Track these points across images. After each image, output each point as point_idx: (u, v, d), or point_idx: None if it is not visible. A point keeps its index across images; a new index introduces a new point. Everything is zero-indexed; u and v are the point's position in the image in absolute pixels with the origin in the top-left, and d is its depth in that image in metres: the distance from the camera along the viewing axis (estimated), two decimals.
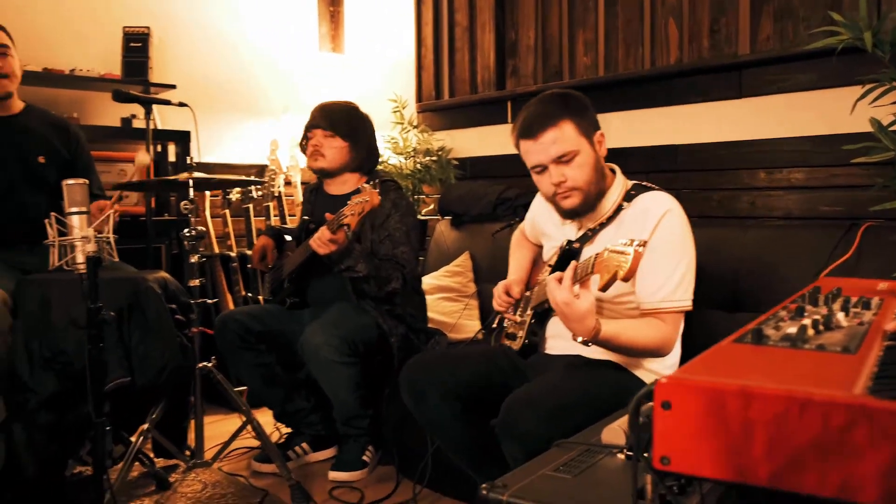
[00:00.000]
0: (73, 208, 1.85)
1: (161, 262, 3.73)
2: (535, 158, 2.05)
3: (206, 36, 4.20)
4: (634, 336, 1.89)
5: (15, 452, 2.22)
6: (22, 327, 2.34)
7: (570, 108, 2.02)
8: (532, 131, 2.03)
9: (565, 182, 2.02)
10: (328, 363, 2.61)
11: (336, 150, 2.89)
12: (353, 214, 2.43)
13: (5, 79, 2.79)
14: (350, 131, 2.89)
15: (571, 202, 2.05)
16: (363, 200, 2.42)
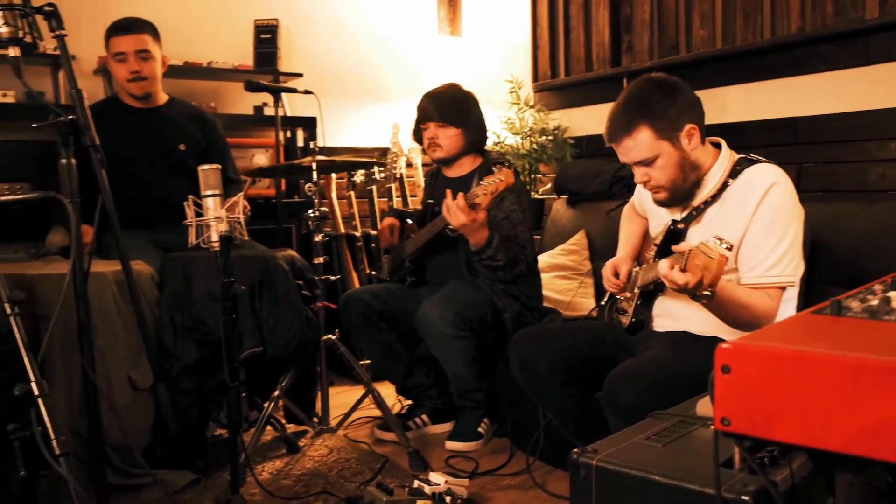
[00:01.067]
0: (207, 191, 2.02)
1: (291, 241, 3.94)
2: (621, 159, 2.10)
3: (330, 25, 4.38)
4: (746, 297, 1.88)
5: (161, 412, 2.45)
6: (166, 300, 2.58)
7: (648, 111, 1.99)
8: (612, 137, 2.07)
9: (649, 182, 2.06)
10: (443, 337, 2.73)
11: (451, 138, 2.98)
12: (486, 194, 2.51)
13: (144, 81, 3.05)
14: (460, 117, 2.98)
15: (660, 197, 2.09)
16: (497, 180, 2.49)
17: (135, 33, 3.00)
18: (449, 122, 2.97)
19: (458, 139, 2.99)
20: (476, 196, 2.59)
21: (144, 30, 3.03)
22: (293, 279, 2.73)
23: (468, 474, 2.58)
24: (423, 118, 3.04)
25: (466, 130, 2.99)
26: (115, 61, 3.02)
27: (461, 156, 3.04)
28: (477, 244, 2.72)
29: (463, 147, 3.01)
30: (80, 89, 1.75)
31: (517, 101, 4.20)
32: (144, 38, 3.01)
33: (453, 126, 2.97)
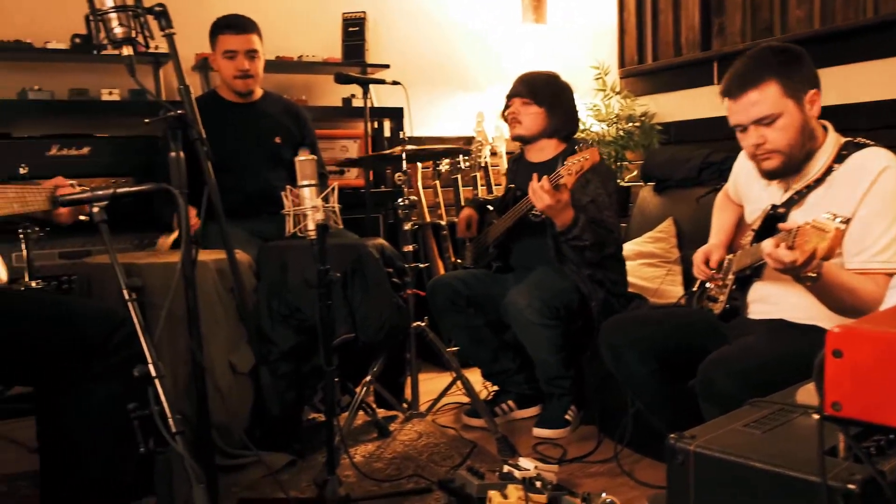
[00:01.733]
0: (303, 181, 2.07)
1: (379, 230, 4.01)
2: (736, 118, 2.03)
3: (415, 15, 4.43)
4: (852, 281, 1.83)
5: (262, 395, 2.54)
6: (264, 288, 2.67)
7: (779, 66, 1.96)
8: (733, 91, 2.00)
9: (764, 144, 1.99)
10: (530, 325, 2.74)
11: (532, 116, 2.99)
12: (570, 174, 2.52)
13: (251, 79, 3.16)
14: (546, 97, 2.98)
15: (771, 164, 2.01)
16: (582, 159, 2.49)
17: (246, 33, 3.10)
18: (532, 100, 2.99)
19: (539, 119, 3.00)
20: (560, 176, 2.59)
21: (253, 29, 3.13)
22: (383, 267, 2.79)
23: (556, 460, 2.60)
24: (510, 94, 3.07)
25: (550, 112, 2.99)
26: (223, 58, 3.12)
27: (541, 137, 3.04)
28: (563, 224, 2.72)
29: (544, 128, 3.01)
30: (187, 86, 1.83)
31: (603, 87, 4.16)
32: (253, 37, 3.12)
33: (536, 104, 2.98)
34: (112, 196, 1.60)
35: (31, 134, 3.39)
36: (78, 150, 3.30)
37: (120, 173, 3.36)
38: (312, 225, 2.08)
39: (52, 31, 3.40)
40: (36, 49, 3.34)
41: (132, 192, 1.64)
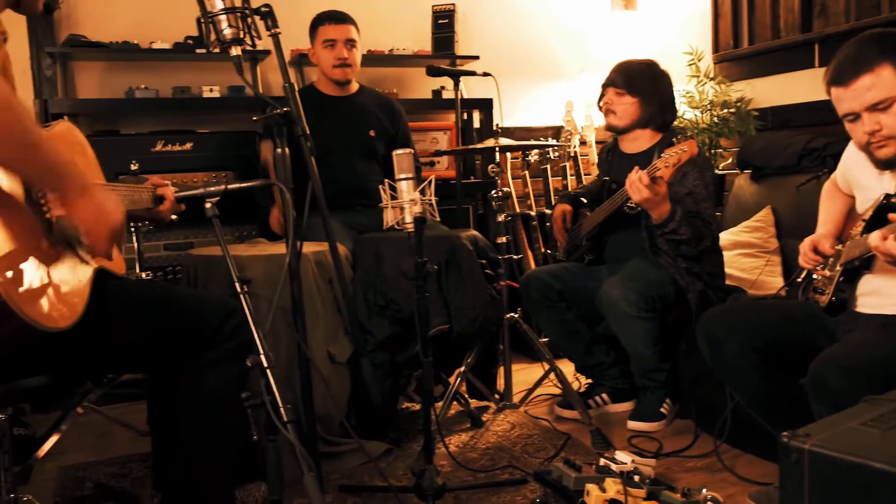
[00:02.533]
0: (401, 175, 2.10)
1: (469, 221, 4.03)
2: (847, 106, 1.96)
3: (504, 5, 4.42)
4: None
5: (361, 384, 2.59)
6: (360, 279, 2.73)
7: (891, 50, 1.89)
8: (844, 77, 1.93)
9: (880, 131, 1.91)
10: (626, 317, 2.72)
11: (626, 106, 2.95)
12: (668, 166, 2.48)
13: (348, 68, 3.26)
14: (641, 87, 2.93)
15: (887, 152, 1.93)
16: (680, 151, 2.45)
17: (346, 24, 3.24)
18: (626, 90, 2.94)
19: (634, 109, 2.95)
20: (657, 168, 2.55)
21: (352, 21, 3.27)
22: (477, 258, 2.81)
23: (653, 454, 2.57)
24: (605, 84, 3.04)
25: (645, 102, 2.94)
26: (323, 48, 3.24)
27: (636, 127, 2.99)
28: (660, 217, 2.68)
29: (638, 118, 2.96)
30: (292, 83, 1.89)
31: (697, 73, 4.06)
32: (352, 28, 3.25)
33: (630, 94, 2.94)
34: (223, 192, 1.67)
35: (138, 131, 3.55)
36: (181, 146, 3.43)
37: (220, 167, 3.49)
38: (410, 218, 2.11)
39: (156, 33, 3.53)
40: (142, 49, 3.48)
41: (242, 188, 1.70)
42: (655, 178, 2.55)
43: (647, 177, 2.55)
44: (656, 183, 2.55)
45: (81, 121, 3.52)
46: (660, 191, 2.58)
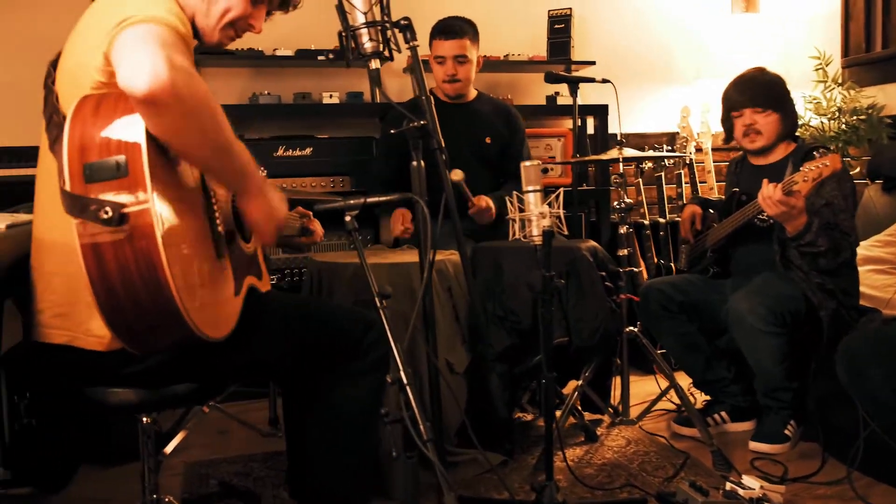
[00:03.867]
0: (529, 187, 2.08)
1: (581, 229, 3.98)
2: None
3: (621, 9, 4.34)
4: None
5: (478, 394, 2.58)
6: (478, 289, 2.72)
7: None
8: None
9: None
10: (754, 331, 2.62)
11: (771, 124, 2.83)
12: (807, 181, 2.38)
13: (458, 83, 3.22)
14: (778, 101, 2.83)
15: None
16: (821, 165, 2.35)
17: (456, 38, 3.16)
18: (768, 107, 2.83)
19: (778, 124, 2.84)
20: (795, 182, 2.44)
21: (465, 34, 3.18)
22: (597, 270, 2.76)
23: (779, 479, 2.47)
24: (735, 105, 2.90)
25: (785, 115, 2.83)
26: (435, 62, 3.21)
27: (779, 143, 2.88)
28: (795, 230, 2.57)
29: (781, 133, 2.86)
30: (429, 95, 1.89)
31: (824, 78, 3.89)
32: (464, 42, 3.17)
33: (772, 110, 2.83)
34: (363, 205, 1.69)
35: (261, 135, 3.65)
36: (301, 151, 3.52)
37: (338, 172, 3.56)
38: (538, 231, 2.09)
39: (279, 40, 3.62)
40: (266, 56, 3.57)
41: (381, 202, 1.72)
42: (791, 192, 2.44)
43: (780, 191, 2.45)
44: (792, 195, 2.45)
45: None
46: (796, 204, 2.47)
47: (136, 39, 1.29)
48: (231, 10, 1.67)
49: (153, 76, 1.22)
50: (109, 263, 1.23)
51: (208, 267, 1.42)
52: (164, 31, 1.33)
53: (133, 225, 1.23)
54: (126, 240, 1.23)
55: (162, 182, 1.30)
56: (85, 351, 1.42)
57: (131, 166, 1.24)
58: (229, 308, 1.46)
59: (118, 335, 1.29)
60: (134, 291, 1.23)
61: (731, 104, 2.92)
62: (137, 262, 1.23)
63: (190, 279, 1.31)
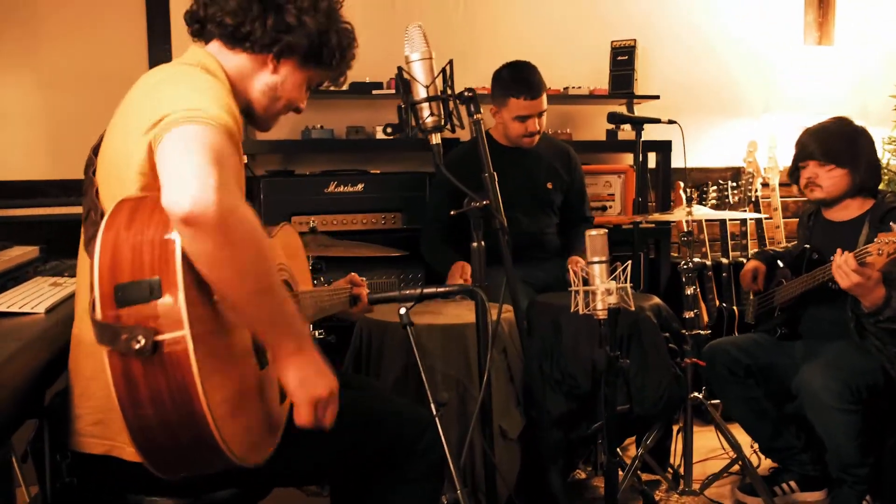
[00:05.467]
0: (594, 258, 1.96)
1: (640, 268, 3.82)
2: None
3: (687, 41, 4.18)
4: None
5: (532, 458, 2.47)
6: (535, 349, 2.60)
7: None
8: None
9: None
10: (827, 409, 2.45)
11: (834, 179, 2.68)
12: (881, 254, 2.21)
13: (537, 135, 3.08)
14: (848, 157, 2.65)
15: None
16: None
17: (540, 95, 3.02)
18: (832, 162, 2.67)
19: (843, 180, 2.68)
20: (868, 254, 2.27)
21: (544, 87, 3.06)
22: (660, 332, 2.62)
23: None
24: (802, 156, 2.76)
25: (853, 171, 2.66)
26: (513, 119, 3.04)
27: (845, 198, 2.71)
28: (873, 304, 2.40)
29: (847, 189, 2.69)
30: (493, 172, 1.78)
31: None
32: (544, 97, 3.04)
33: (837, 166, 2.66)
34: (419, 297, 1.58)
35: (312, 170, 3.58)
36: (353, 187, 3.43)
37: (390, 209, 3.47)
38: (602, 305, 1.97)
39: None
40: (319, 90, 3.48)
41: (438, 293, 1.61)
42: (865, 263, 2.27)
43: (854, 261, 2.28)
44: (866, 265, 2.28)
45: (258, 160, 3.58)
46: (872, 275, 2.31)
47: (183, 147, 1.18)
48: (293, 102, 1.64)
49: (197, 198, 1.11)
50: (142, 394, 1.14)
51: (251, 383, 1.31)
52: (215, 134, 1.22)
53: (167, 353, 1.13)
54: (159, 370, 1.13)
55: (199, 301, 1.18)
56: (124, 461, 1.33)
57: (166, 288, 1.14)
58: (274, 420, 1.35)
59: (155, 468, 1.19)
60: (168, 425, 1.14)
61: (798, 154, 2.78)
62: (172, 394, 1.13)
63: (230, 406, 1.21)
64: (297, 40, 1.53)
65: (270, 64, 1.55)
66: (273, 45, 1.52)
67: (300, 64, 1.57)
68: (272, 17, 1.50)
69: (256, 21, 1.50)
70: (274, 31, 1.51)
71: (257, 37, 1.51)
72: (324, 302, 1.74)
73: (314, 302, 1.65)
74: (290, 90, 1.60)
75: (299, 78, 1.60)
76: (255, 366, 1.34)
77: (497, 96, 3.07)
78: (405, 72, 1.69)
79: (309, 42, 1.54)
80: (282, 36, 1.52)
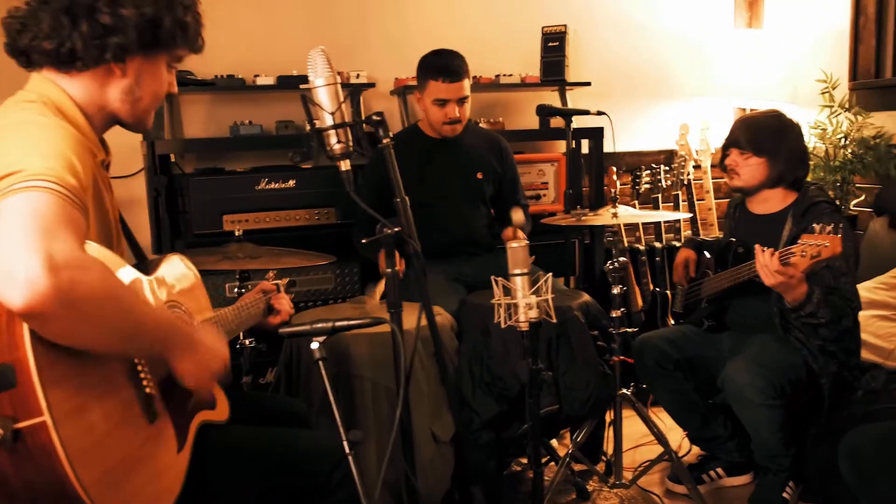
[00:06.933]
0: (515, 270, 1.97)
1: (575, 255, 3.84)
2: None
3: (619, 25, 4.17)
4: None
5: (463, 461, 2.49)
6: (466, 352, 2.60)
7: None
8: None
9: None
10: (752, 405, 2.51)
11: (751, 168, 2.71)
12: (805, 256, 2.24)
13: (459, 124, 3.02)
14: (769, 146, 2.68)
15: None
16: (821, 245, 2.20)
17: (460, 80, 2.96)
18: (751, 151, 2.70)
19: (759, 170, 2.71)
20: (792, 254, 2.31)
21: (466, 73, 2.99)
22: (588, 331, 2.65)
23: None
24: (728, 143, 2.80)
25: (772, 162, 2.70)
26: (432, 104, 2.99)
27: (764, 188, 2.75)
28: (795, 300, 2.45)
29: (765, 180, 2.72)
30: (404, 198, 1.76)
31: (830, 102, 3.73)
32: (465, 82, 2.98)
33: (755, 155, 2.70)
34: (331, 330, 1.56)
35: (243, 166, 3.50)
36: (284, 183, 3.36)
37: (323, 204, 3.41)
38: (524, 317, 1.97)
39: (260, 67, 3.46)
40: (246, 85, 3.42)
41: (351, 326, 1.59)
42: (789, 263, 2.31)
43: (777, 262, 2.32)
44: (790, 266, 2.32)
45: (187, 158, 3.50)
46: (795, 274, 2.34)
47: (10, 225, 1.08)
48: (158, 94, 1.53)
49: (28, 289, 1.03)
50: (14, 485, 1.09)
51: (135, 445, 1.26)
52: (51, 201, 1.13)
53: (30, 441, 1.07)
54: (26, 459, 1.07)
55: (61, 379, 1.11)
56: None
57: (20, 375, 1.06)
58: (171, 474, 1.32)
59: None
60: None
61: (726, 141, 2.83)
62: (44, 481, 1.08)
63: (112, 479, 1.16)
64: (124, 38, 1.40)
65: (116, 70, 1.44)
66: (103, 53, 1.40)
67: (146, 56, 1.46)
68: (86, 26, 1.38)
69: (73, 35, 1.38)
70: (96, 40, 1.39)
71: (82, 53, 1.39)
72: (230, 324, 1.70)
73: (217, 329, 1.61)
74: (149, 85, 1.50)
75: (152, 68, 1.49)
76: (143, 423, 1.30)
77: (419, 80, 3.03)
78: (308, 99, 1.65)
79: (139, 33, 1.41)
80: (107, 41, 1.39)
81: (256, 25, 3.59)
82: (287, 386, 2.48)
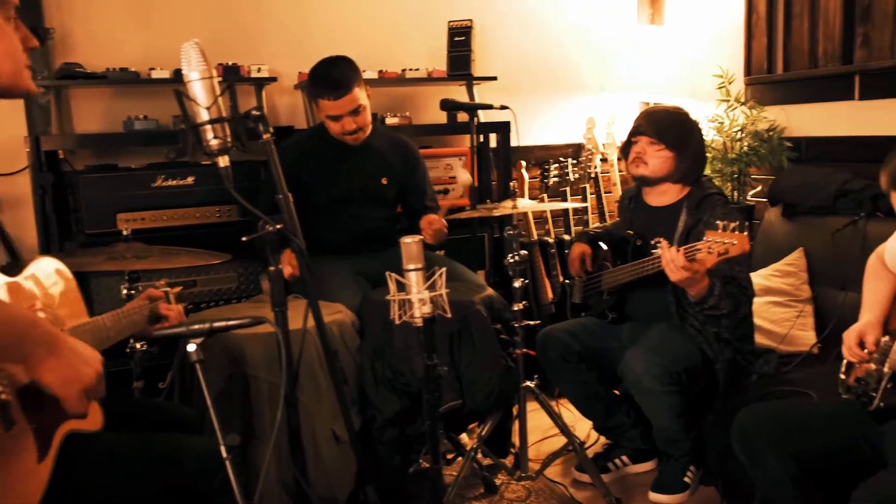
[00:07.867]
0: (409, 265, 1.94)
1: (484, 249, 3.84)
2: None
3: (524, 20, 4.20)
4: None
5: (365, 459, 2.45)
6: (367, 348, 2.57)
7: None
8: None
9: None
10: (650, 392, 2.56)
11: (660, 159, 2.76)
12: (712, 253, 2.27)
13: (360, 132, 2.92)
14: (677, 141, 2.74)
15: None
16: (728, 242, 2.23)
17: (346, 94, 2.81)
18: (663, 142, 2.75)
19: (668, 163, 2.76)
20: (698, 250, 2.34)
21: (352, 84, 2.83)
22: (491, 324, 2.65)
23: None
24: (636, 131, 2.83)
25: (680, 156, 2.75)
26: (327, 119, 2.90)
27: (665, 181, 2.80)
28: (698, 293, 2.50)
29: (670, 172, 2.78)
30: (286, 194, 1.71)
31: (727, 96, 3.83)
32: (354, 93, 2.83)
33: (666, 147, 2.74)
34: (209, 331, 1.50)
35: (138, 163, 3.38)
36: (182, 180, 3.26)
37: (224, 201, 3.31)
38: (419, 313, 1.95)
39: (155, 60, 3.35)
40: (141, 78, 3.29)
41: (230, 327, 1.54)
42: (694, 259, 2.35)
43: (683, 259, 2.35)
44: (696, 262, 2.36)
45: (78, 155, 3.35)
46: (700, 270, 2.38)
47: None
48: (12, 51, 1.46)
49: None
50: None
51: None
52: None
53: None
54: None
55: None
56: None
57: None
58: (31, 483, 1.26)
59: None
60: None
61: (633, 129, 2.85)
62: None
63: None
64: None
65: None
66: None
67: None
68: None
69: None
70: None
71: None
72: (108, 331, 1.62)
73: (92, 335, 1.54)
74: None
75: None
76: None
77: (310, 97, 2.98)
78: (183, 94, 1.58)
79: None
80: None
81: (152, 17, 3.47)
82: (181, 390, 2.40)
